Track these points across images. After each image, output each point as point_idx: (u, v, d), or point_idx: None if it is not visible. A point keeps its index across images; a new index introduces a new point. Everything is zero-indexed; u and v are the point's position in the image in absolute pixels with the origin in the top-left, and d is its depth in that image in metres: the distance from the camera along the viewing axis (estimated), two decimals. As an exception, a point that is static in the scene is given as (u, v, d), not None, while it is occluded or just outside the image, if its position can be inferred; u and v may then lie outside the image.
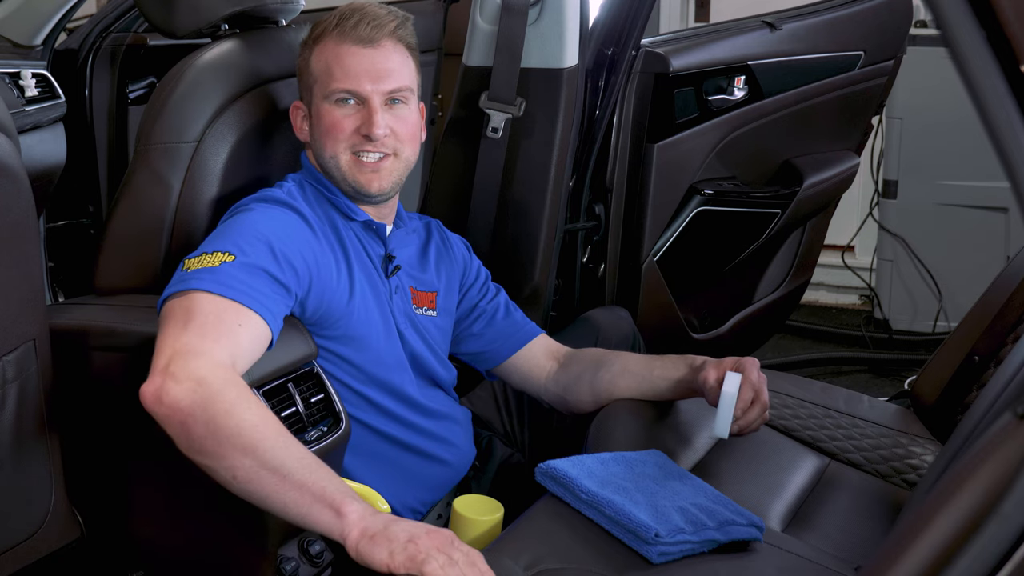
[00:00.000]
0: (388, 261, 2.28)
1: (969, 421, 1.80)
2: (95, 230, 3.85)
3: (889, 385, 4.10)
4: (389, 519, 1.67)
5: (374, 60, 2.17)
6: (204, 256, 1.97)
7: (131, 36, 3.87)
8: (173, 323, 1.89)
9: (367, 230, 2.27)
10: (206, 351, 1.83)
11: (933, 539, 1.00)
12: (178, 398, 1.76)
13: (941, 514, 1.02)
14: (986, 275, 2.63)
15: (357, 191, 2.22)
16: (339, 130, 2.18)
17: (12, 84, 3.17)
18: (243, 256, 1.97)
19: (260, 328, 1.93)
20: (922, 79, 4.20)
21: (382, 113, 2.17)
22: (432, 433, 2.30)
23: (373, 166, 2.19)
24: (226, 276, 1.93)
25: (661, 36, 3.55)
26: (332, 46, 2.18)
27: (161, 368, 1.80)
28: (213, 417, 1.75)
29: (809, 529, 2.11)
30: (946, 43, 0.97)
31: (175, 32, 2.41)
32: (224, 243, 2.00)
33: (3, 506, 2.00)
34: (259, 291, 1.95)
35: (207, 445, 1.76)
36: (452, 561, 1.59)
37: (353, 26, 2.17)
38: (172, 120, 2.27)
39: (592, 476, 1.96)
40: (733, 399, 2.15)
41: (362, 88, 2.16)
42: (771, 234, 3.54)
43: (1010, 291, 2.36)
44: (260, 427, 1.75)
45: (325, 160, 2.21)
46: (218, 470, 1.77)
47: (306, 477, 1.71)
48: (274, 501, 1.74)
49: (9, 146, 1.91)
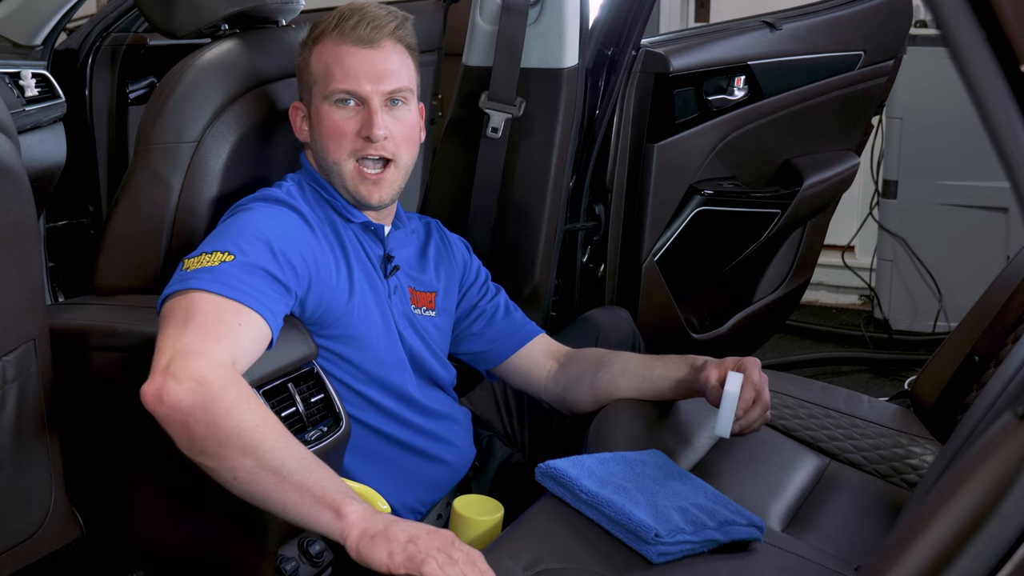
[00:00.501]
0: (387, 261, 2.28)
1: (969, 421, 1.80)
2: (95, 230, 3.85)
3: (889, 385, 4.10)
4: (389, 520, 1.67)
5: (374, 61, 2.17)
6: (204, 256, 1.97)
7: (131, 36, 3.87)
8: (173, 323, 1.88)
9: (366, 231, 2.27)
10: (207, 351, 1.83)
11: (933, 539, 1.00)
12: (179, 398, 1.76)
13: (941, 514, 1.02)
14: (986, 275, 2.63)
15: (358, 200, 2.22)
16: (341, 134, 2.18)
17: (12, 84, 3.17)
18: (243, 256, 1.97)
19: (260, 327, 1.93)
20: (922, 79, 4.20)
21: (382, 114, 2.17)
22: (432, 433, 2.30)
23: (375, 178, 2.19)
24: (226, 276, 1.93)
25: (661, 36, 3.55)
26: (332, 46, 2.18)
27: (162, 368, 1.80)
28: (213, 417, 1.75)
29: (809, 529, 2.11)
30: (946, 43, 0.97)
31: (175, 32, 2.41)
32: (224, 243, 2.00)
33: (3, 506, 2.01)
34: (259, 290, 1.95)
35: (208, 445, 1.76)
36: (452, 561, 1.59)
37: (353, 27, 2.17)
38: (172, 120, 2.28)
39: (592, 476, 1.96)
40: (735, 399, 2.15)
41: (362, 89, 2.16)
42: (771, 234, 3.54)
43: (1010, 291, 2.36)
44: (260, 427, 1.75)
45: (327, 165, 2.21)
46: (219, 470, 1.76)
47: (306, 478, 1.71)
48: (275, 502, 1.74)
49: (9, 146, 1.91)
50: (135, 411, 1.83)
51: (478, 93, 2.79)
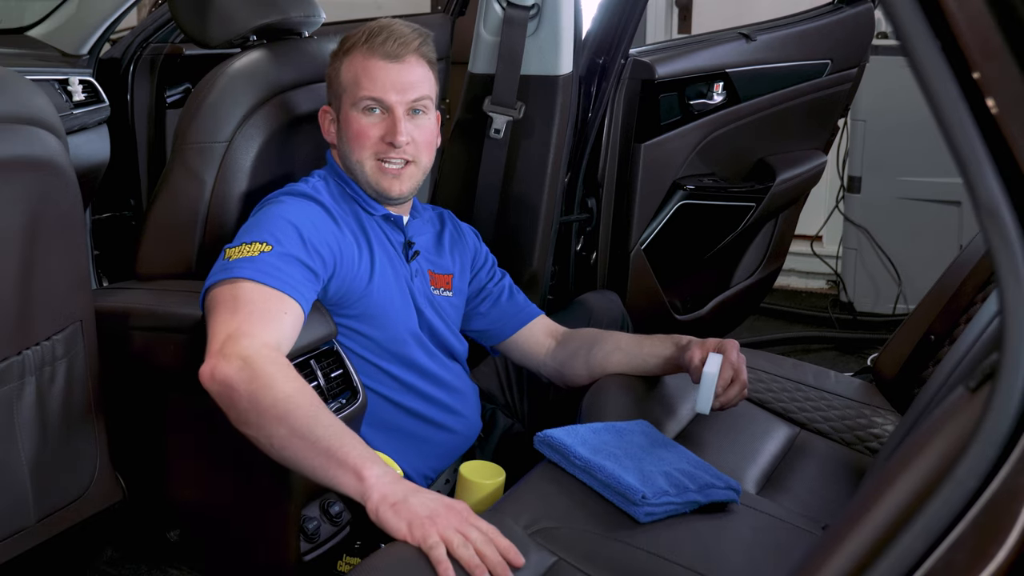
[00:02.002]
0: (408, 247, 2.29)
1: (926, 394, 1.80)
2: (136, 221, 3.84)
3: (854, 361, 4.09)
4: (409, 489, 1.66)
5: (400, 74, 2.18)
6: (244, 246, 1.99)
7: (169, 46, 3.86)
8: (223, 309, 1.91)
9: (387, 222, 2.28)
10: (255, 334, 1.86)
11: (894, 501, 1.00)
12: (228, 375, 1.79)
13: (901, 478, 1.02)
14: (941, 262, 2.62)
15: (379, 194, 2.23)
16: (365, 137, 2.19)
17: (61, 90, 3.17)
18: (279, 246, 2.00)
19: (297, 312, 1.96)
20: (884, 85, 4.19)
21: (405, 122, 2.18)
22: (444, 404, 2.30)
23: (395, 172, 2.21)
24: (266, 265, 1.96)
25: (648, 46, 3.55)
26: (361, 59, 2.19)
27: (216, 350, 1.83)
28: (255, 391, 1.77)
29: (781, 492, 2.11)
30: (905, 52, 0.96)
31: (208, 43, 2.42)
32: (261, 234, 2.02)
33: (53, 470, 2.01)
34: (295, 278, 1.97)
35: (250, 417, 1.78)
36: (465, 544, 1.56)
37: (382, 42, 2.18)
38: (206, 122, 2.28)
39: (585, 444, 1.96)
40: (714, 378, 2.15)
41: (388, 98, 2.17)
42: (747, 225, 3.53)
43: (963, 276, 2.36)
44: (294, 398, 1.76)
45: (352, 163, 2.22)
46: (259, 439, 1.78)
47: (332, 443, 1.72)
48: (304, 465, 1.75)
49: (59, 145, 1.91)
50: (173, 385, 1.83)
51: (482, 98, 2.79)
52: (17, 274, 1.86)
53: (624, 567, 1.71)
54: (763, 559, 1.81)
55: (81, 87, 3.23)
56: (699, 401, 2.16)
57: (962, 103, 0.93)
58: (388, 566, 1.59)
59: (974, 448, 0.94)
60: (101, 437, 2.13)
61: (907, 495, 0.99)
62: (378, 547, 1.86)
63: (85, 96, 3.26)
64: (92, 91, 3.30)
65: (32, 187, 1.85)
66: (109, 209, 3.83)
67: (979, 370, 1.01)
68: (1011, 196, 0.92)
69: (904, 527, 0.96)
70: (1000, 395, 0.94)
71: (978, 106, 0.93)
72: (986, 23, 0.92)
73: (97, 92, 3.32)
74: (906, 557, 0.96)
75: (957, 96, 0.93)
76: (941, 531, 0.94)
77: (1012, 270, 0.93)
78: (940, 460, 0.98)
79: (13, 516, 1.95)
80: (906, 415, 1.91)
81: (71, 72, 3.29)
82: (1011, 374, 0.93)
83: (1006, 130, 0.92)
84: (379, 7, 4.91)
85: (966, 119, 0.93)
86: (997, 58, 0.92)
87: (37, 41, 3.45)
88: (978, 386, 1.01)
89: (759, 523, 1.91)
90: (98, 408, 2.11)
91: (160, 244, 2.31)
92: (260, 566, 2.13)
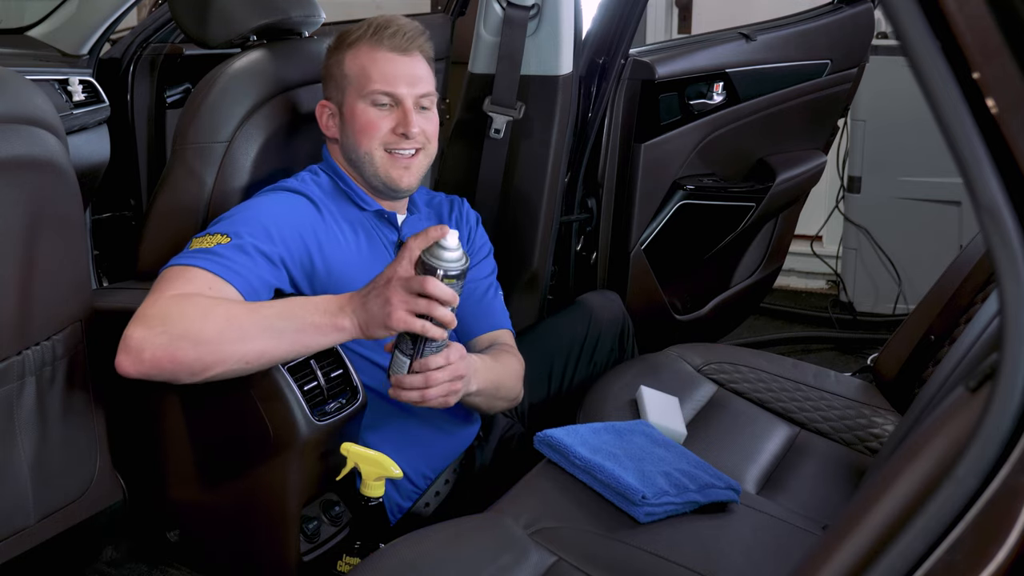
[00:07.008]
0: (399, 247, 2.28)
1: (926, 394, 1.80)
2: (136, 221, 3.84)
3: (853, 361, 4.09)
4: (360, 299, 1.84)
5: (409, 67, 2.20)
6: (207, 236, 2.01)
7: (168, 46, 3.86)
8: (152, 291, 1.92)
9: (380, 218, 2.28)
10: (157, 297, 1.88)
11: (894, 500, 1.00)
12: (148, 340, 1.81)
13: (901, 478, 1.02)
14: (941, 263, 2.62)
15: (387, 185, 2.22)
16: (375, 128, 2.20)
17: (61, 90, 3.17)
18: (237, 238, 2.00)
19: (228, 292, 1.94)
20: (884, 85, 4.18)
21: (415, 114, 2.19)
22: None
23: (406, 162, 2.21)
24: (217, 256, 1.96)
25: (647, 46, 3.54)
26: (367, 50, 2.19)
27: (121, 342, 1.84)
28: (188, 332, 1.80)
29: (781, 492, 2.11)
30: (905, 52, 0.96)
31: (208, 43, 2.42)
32: (224, 226, 2.03)
33: (54, 470, 2.01)
34: (244, 266, 1.97)
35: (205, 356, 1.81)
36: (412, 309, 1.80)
37: (390, 35, 2.19)
38: (206, 122, 2.28)
39: (585, 444, 1.96)
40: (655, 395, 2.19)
41: (399, 91, 2.18)
42: (747, 225, 3.53)
43: (963, 277, 2.36)
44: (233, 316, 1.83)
45: (359, 155, 2.22)
46: (233, 370, 1.82)
47: (295, 323, 1.82)
48: (287, 354, 1.86)
49: (58, 145, 1.91)
50: (172, 386, 1.83)
51: (482, 98, 2.79)
52: (17, 274, 1.86)
53: (624, 567, 1.71)
54: (763, 559, 1.81)
55: (81, 87, 3.23)
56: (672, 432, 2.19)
57: (962, 103, 0.93)
58: (388, 566, 1.59)
59: (974, 448, 0.94)
60: (101, 437, 2.13)
61: (907, 495, 0.99)
62: (378, 547, 1.86)
63: (85, 96, 3.26)
64: (92, 91, 3.30)
65: (32, 187, 1.85)
66: (109, 209, 3.83)
67: (979, 370, 1.01)
68: (1011, 196, 0.92)
69: (904, 527, 0.96)
70: (1000, 395, 0.94)
71: (978, 106, 0.93)
72: (986, 23, 0.92)
73: (97, 92, 3.32)
74: (906, 557, 0.95)
75: (957, 96, 0.93)
76: (941, 531, 0.94)
77: (1012, 270, 0.93)
78: (940, 460, 0.98)
79: (13, 516, 1.95)
80: (906, 415, 1.92)
81: (71, 72, 3.29)
82: (1011, 374, 0.93)
83: (1006, 130, 0.92)
84: (378, 7, 4.92)
85: (966, 119, 0.93)
86: (997, 58, 0.92)
87: (37, 41, 3.45)
88: (978, 386, 1.01)
89: (759, 523, 1.91)
90: (98, 408, 2.11)
91: (160, 244, 2.31)
92: (260, 566, 2.13)
